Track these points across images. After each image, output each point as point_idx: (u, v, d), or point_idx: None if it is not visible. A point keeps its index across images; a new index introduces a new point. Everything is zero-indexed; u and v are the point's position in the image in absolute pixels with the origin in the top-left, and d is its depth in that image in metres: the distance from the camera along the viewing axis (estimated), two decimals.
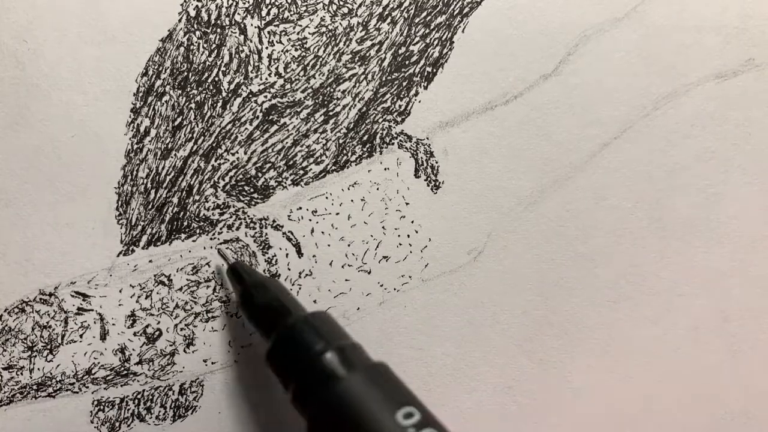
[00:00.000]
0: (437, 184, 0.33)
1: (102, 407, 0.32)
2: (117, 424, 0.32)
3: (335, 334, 0.27)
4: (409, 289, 0.33)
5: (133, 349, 0.32)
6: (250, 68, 0.33)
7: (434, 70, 0.33)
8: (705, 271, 0.34)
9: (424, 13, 0.33)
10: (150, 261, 0.32)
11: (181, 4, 0.32)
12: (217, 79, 0.32)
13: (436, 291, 0.33)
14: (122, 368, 0.32)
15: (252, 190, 0.33)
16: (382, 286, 0.33)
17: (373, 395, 0.25)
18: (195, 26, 0.32)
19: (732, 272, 0.34)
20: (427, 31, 0.33)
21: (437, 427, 0.24)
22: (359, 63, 0.33)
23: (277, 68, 0.33)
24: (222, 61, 0.32)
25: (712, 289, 0.34)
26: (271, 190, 0.33)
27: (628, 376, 0.33)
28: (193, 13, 0.32)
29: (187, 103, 0.32)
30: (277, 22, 0.33)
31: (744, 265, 0.34)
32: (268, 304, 0.29)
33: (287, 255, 0.33)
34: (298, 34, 0.33)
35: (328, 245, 0.33)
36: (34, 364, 0.32)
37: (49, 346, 0.32)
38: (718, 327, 0.33)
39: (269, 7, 0.33)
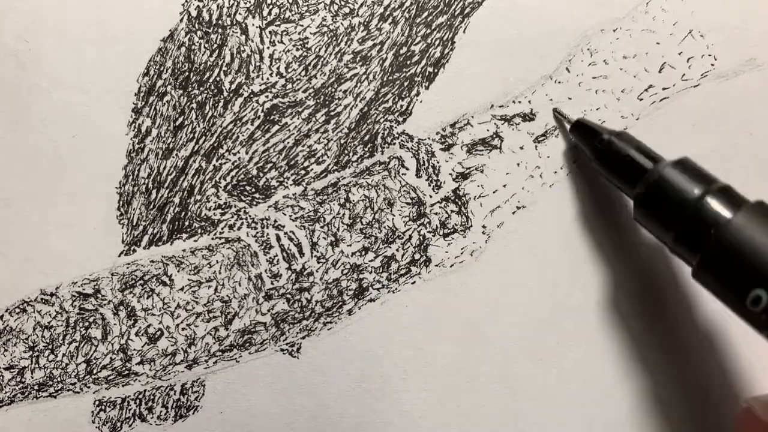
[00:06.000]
0: (438, 184, 0.33)
1: (103, 407, 0.32)
2: (118, 424, 0.32)
3: (708, 177, 0.28)
4: (409, 289, 0.33)
5: (135, 349, 0.32)
6: (251, 68, 0.33)
7: (435, 70, 0.33)
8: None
9: (426, 13, 0.33)
10: (151, 261, 0.32)
11: (183, 4, 0.32)
12: (218, 78, 0.33)
13: (436, 291, 0.33)
14: (123, 368, 0.32)
15: (253, 190, 0.33)
16: (383, 285, 0.33)
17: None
18: (196, 26, 0.32)
19: None
20: (429, 31, 0.33)
21: None
22: (361, 63, 0.33)
23: (278, 68, 0.33)
24: (223, 61, 0.32)
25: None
26: (273, 190, 0.33)
27: (628, 375, 0.33)
28: (194, 13, 0.32)
29: (188, 103, 0.32)
30: (279, 22, 0.33)
31: None
32: (628, 154, 0.29)
33: (288, 255, 0.33)
34: (299, 34, 0.33)
35: (330, 245, 0.33)
36: (35, 364, 0.32)
37: (50, 347, 0.32)
38: (718, 326, 0.33)
39: (270, 7, 0.33)
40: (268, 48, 0.33)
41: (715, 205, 0.26)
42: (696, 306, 0.33)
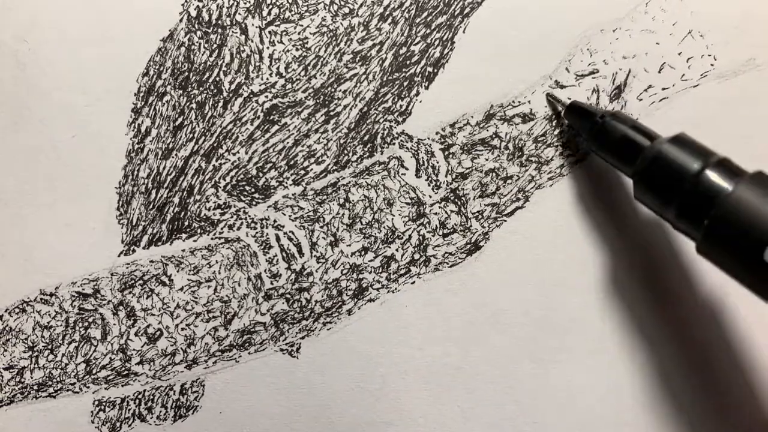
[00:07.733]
0: (438, 183, 0.33)
1: (103, 407, 0.32)
2: (118, 424, 0.32)
3: (706, 150, 0.28)
4: (409, 289, 0.33)
5: (134, 349, 0.32)
6: (251, 68, 0.33)
7: (435, 70, 0.33)
8: (704, 271, 0.34)
9: (425, 14, 0.33)
10: (151, 261, 0.32)
11: (183, 4, 0.32)
12: (218, 79, 0.33)
13: (436, 291, 0.33)
14: (123, 368, 0.32)
15: (253, 190, 0.33)
16: (382, 285, 0.33)
17: None
18: (196, 26, 0.32)
19: None
20: (428, 31, 0.33)
21: None
22: (360, 63, 0.33)
23: (278, 68, 0.33)
24: (223, 61, 0.32)
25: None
26: (272, 190, 0.33)
27: (627, 375, 0.33)
28: (194, 13, 0.32)
29: (188, 103, 0.33)
30: (278, 22, 0.33)
31: None
32: (624, 133, 0.29)
33: (288, 255, 0.33)
34: (299, 34, 0.33)
35: (330, 245, 0.33)
36: (35, 364, 0.32)
37: (49, 346, 0.32)
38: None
39: (270, 7, 0.33)
40: (267, 48, 0.33)
41: (715, 177, 0.26)
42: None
